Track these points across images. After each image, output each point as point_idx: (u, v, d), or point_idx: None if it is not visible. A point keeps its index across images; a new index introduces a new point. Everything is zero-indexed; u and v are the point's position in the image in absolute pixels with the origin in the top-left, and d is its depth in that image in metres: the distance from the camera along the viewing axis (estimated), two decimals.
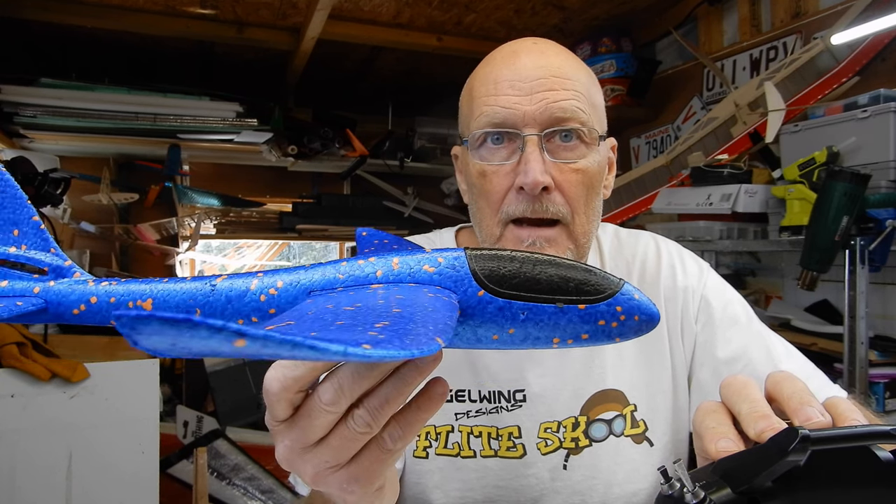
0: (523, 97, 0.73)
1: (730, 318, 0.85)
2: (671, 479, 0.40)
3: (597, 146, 0.76)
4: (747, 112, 2.10)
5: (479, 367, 0.84)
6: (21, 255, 0.44)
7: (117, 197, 3.29)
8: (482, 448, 0.82)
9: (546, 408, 0.83)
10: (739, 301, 0.89)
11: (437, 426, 0.83)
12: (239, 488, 2.46)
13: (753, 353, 0.83)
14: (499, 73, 0.75)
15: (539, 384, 0.83)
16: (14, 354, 1.65)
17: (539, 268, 0.41)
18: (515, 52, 0.77)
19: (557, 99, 0.73)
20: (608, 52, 2.84)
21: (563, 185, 0.74)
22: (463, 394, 0.83)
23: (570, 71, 0.75)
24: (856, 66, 1.93)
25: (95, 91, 2.75)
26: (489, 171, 0.75)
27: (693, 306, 0.87)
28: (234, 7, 2.59)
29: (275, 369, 0.39)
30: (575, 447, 0.82)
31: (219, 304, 0.41)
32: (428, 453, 0.83)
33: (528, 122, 0.73)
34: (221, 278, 0.41)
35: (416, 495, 0.84)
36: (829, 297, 1.97)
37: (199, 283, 0.41)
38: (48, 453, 1.67)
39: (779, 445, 0.39)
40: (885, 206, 1.53)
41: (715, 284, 0.89)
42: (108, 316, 0.41)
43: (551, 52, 0.77)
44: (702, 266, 0.91)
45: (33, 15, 2.48)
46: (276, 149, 3.22)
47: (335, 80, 3.53)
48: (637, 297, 0.41)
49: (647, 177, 2.43)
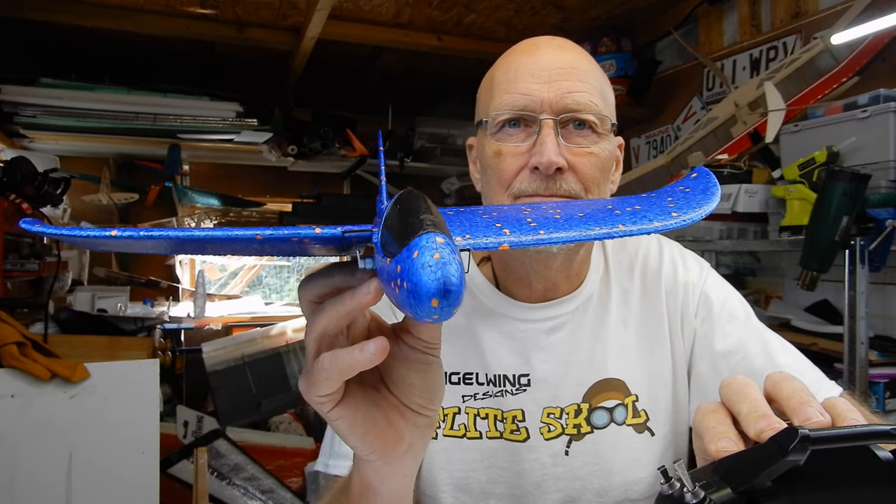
0: (542, 85, 0.77)
1: (728, 314, 0.88)
2: (671, 479, 0.40)
3: (608, 136, 0.80)
4: (747, 112, 2.10)
5: (486, 351, 0.86)
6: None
7: (117, 197, 3.30)
8: (488, 429, 0.85)
9: (549, 393, 0.85)
10: (738, 298, 0.91)
11: (445, 408, 0.85)
12: (239, 488, 2.46)
13: (750, 347, 0.85)
14: (519, 63, 0.80)
15: (543, 370, 0.85)
16: (14, 354, 1.65)
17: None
18: (536, 45, 0.82)
19: (573, 90, 0.77)
20: (608, 52, 2.84)
21: (577, 167, 0.77)
22: (470, 376, 0.86)
23: (585, 66, 0.80)
24: (856, 66, 1.93)
25: (95, 91, 2.75)
26: (505, 151, 0.79)
27: (693, 301, 0.89)
28: (234, 7, 2.59)
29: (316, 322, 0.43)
30: (577, 433, 0.84)
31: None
32: (436, 433, 0.84)
33: (545, 108, 0.77)
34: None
35: (422, 475, 0.86)
36: (829, 296, 1.97)
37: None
38: (48, 453, 1.67)
39: (779, 445, 0.39)
40: (885, 206, 1.53)
41: (715, 282, 0.92)
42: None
43: (569, 48, 0.82)
44: (702, 264, 0.94)
45: (33, 15, 2.48)
46: (276, 149, 3.22)
47: (335, 80, 3.53)
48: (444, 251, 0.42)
49: (647, 177, 2.43)
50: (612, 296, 0.89)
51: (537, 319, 0.86)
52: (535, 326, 0.86)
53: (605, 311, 0.88)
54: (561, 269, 0.84)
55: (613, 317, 0.88)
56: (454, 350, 0.87)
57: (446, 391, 0.83)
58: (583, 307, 0.88)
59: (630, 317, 0.89)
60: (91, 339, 2.19)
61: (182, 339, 3.36)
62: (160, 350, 2.74)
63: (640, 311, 0.89)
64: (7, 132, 2.77)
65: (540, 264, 0.83)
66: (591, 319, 0.88)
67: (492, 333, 0.86)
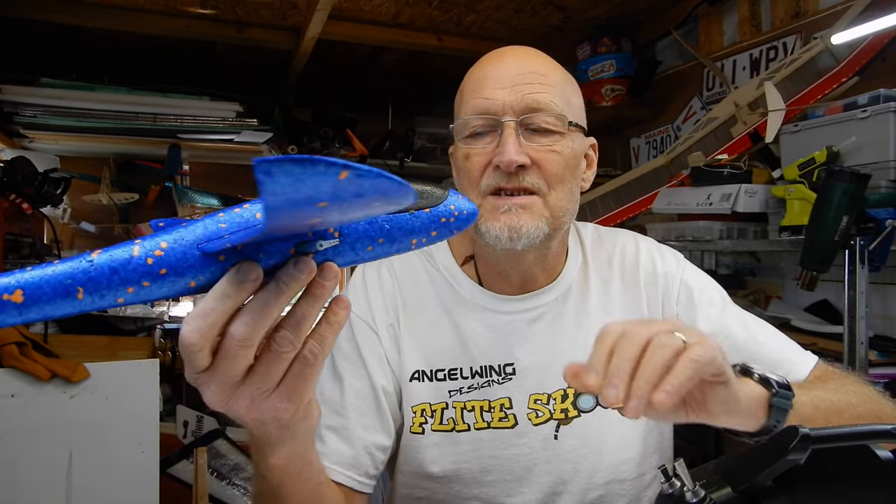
0: (504, 89, 0.82)
1: (708, 301, 0.94)
2: (671, 478, 0.40)
3: (572, 136, 0.84)
4: (747, 112, 2.10)
5: (470, 346, 0.90)
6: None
7: (117, 197, 3.29)
8: (476, 421, 0.89)
9: (535, 381, 0.89)
10: (715, 286, 0.97)
11: (433, 404, 0.89)
12: (239, 488, 2.46)
13: (732, 328, 0.91)
14: (485, 72, 0.85)
15: (527, 359, 0.90)
16: (14, 354, 1.65)
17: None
18: (502, 54, 0.87)
19: (533, 91, 0.81)
20: (608, 52, 2.84)
21: (541, 163, 0.82)
22: (455, 372, 0.90)
23: (547, 71, 0.85)
24: (856, 66, 1.93)
25: (95, 91, 2.75)
26: (472, 154, 0.84)
27: (674, 289, 0.95)
28: (234, 7, 2.59)
29: (188, 323, 0.42)
30: (565, 418, 0.89)
31: (102, 277, 0.39)
32: (424, 429, 0.89)
33: (506, 111, 0.81)
34: (96, 253, 0.40)
35: (415, 469, 0.90)
36: (828, 296, 1.97)
37: (74, 262, 0.39)
38: (48, 453, 1.67)
39: (779, 444, 0.39)
40: (885, 206, 1.53)
41: (692, 272, 0.98)
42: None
43: (532, 56, 0.87)
44: (678, 256, 1.00)
45: (33, 15, 2.48)
46: (276, 149, 3.22)
47: (335, 80, 3.53)
48: (460, 199, 0.51)
49: (647, 177, 2.43)
50: (592, 286, 0.94)
51: (519, 311, 0.91)
52: (517, 317, 0.90)
53: (585, 301, 0.93)
54: (535, 262, 0.89)
55: (594, 305, 0.93)
56: (440, 348, 0.91)
57: (434, 389, 0.89)
58: (563, 297, 0.92)
59: (611, 304, 0.93)
60: (91, 339, 2.19)
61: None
62: (160, 350, 2.74)
63: (620, 299, 0.94)
64: (7, 132, 2.77)
65: (512, 259, 0.87)
66: (571, 308, 0.92)
67: (475, 326, 0.91)
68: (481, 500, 0.89)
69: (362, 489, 0.84)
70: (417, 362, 0.90)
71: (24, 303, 0.37)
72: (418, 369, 0.90)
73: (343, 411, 0.86)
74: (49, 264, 0.39)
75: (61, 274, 0.38)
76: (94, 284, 0.39)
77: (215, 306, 0.41)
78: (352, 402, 0.87)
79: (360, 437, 0.85)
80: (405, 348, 0.91)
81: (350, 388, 0.87)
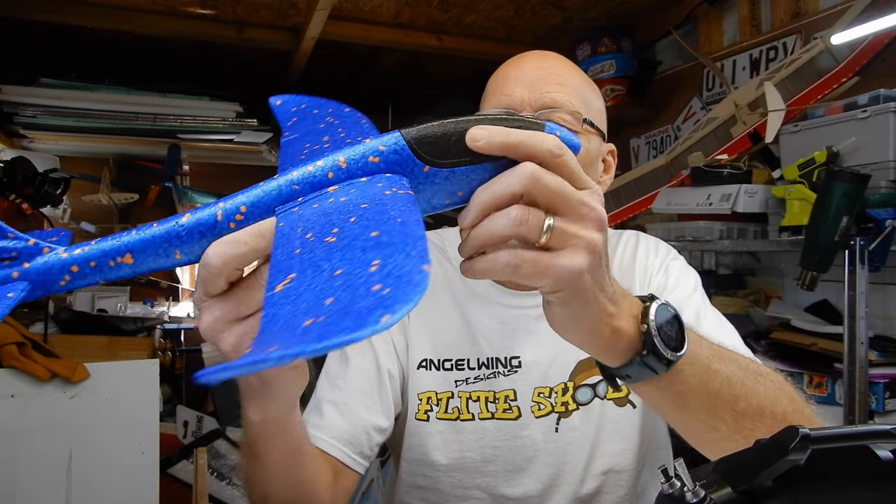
0: (523, 88, 0.85)
1: (683, 284, 0.96)
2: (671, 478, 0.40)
3: (588, 136, 0.86)
4: (747, 112, 2.10)
5: (478, 337, 0.93)
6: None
7: (117, 197, 3.30)
8: (480, 411, 0.91)
9: (539, 375, 0.92)
10: (695, 277, 0.99)
11: (439, 392, 0.92)
12: (239, 488, 2.45)
13: (686, 309, 0.90)
14: (507, 73, 0.89)
15: (532, 353, 0.92)
16: (14, 354, 1.65)
17: (468, 126, 0.45)
18: (523, 57, 0.91)
19: (550, 90, 0.85)
20: (608, 52, 2.83)
21: None
22: (462, 362, 0.93)
23: (566, 73, 0.89)
24: (856, 66, 1.93)
25: (95, 91, 2.75)
26: None
27: (658, 275, 0.97)
28: (234, 7, 2.59)
29: (217, 246, 0.43)
30: (565, 411, 0.92)
31: (193, 239, 0.43)
32: (429, 417, 0.92)
33: (524, 107, 0.85)
34: (186, 217, 0.44)
35: (418, 457, 0.92)
36: (828, 297, 1.97)
37: (167, 224, 0.44)
38: (48, 453, 1.67)
39: (779, 444, 0.39)
40: (885, 206, 1.53)
41: (678, 262, 1.00)
42: (95, 279, 0.44)
43: (553, 58, 0.91)
44: (671, 251, 1.03)
45: (33, 15, 2.48)
46: (276, 149, 3.22)
47: (335, 80, 3.53)
48: (560, 132, 0.46)
49: (647, 177, 2.43)
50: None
51: (527, 306, 0.92)
52: (526, 312, 0.92)
53: None
54: None
55: None
56: (448, 338, 0.93)
57: (440, 378, 0.92)
58: None
59: None
60: (91, 340, 2.19)
61: (182, 339, 3.36)
62: (160, 350, 2.74)
63: None
64: (7, 132, 2.77)
65: None
66: None
67: (484, 318, 0.93)
68: (482, 489, 0.91)
69: (354, 467, 0.85)
70: (426, 351, 0.93)
71: (133, 263, 0.44)
72: (426, 358, 0.93)
73: (346, 388, 0.88)
74: (147, 226, 0.44)
75: (158, 237, 0.43)
76: (187, 247, 0.44)
77: (250, 241, 0.42)
78: (355, 381, 0.89)
79: (359, 416, 0.87)
80: (414, 336, 0.93)
81: (355, 367, 0.90)
